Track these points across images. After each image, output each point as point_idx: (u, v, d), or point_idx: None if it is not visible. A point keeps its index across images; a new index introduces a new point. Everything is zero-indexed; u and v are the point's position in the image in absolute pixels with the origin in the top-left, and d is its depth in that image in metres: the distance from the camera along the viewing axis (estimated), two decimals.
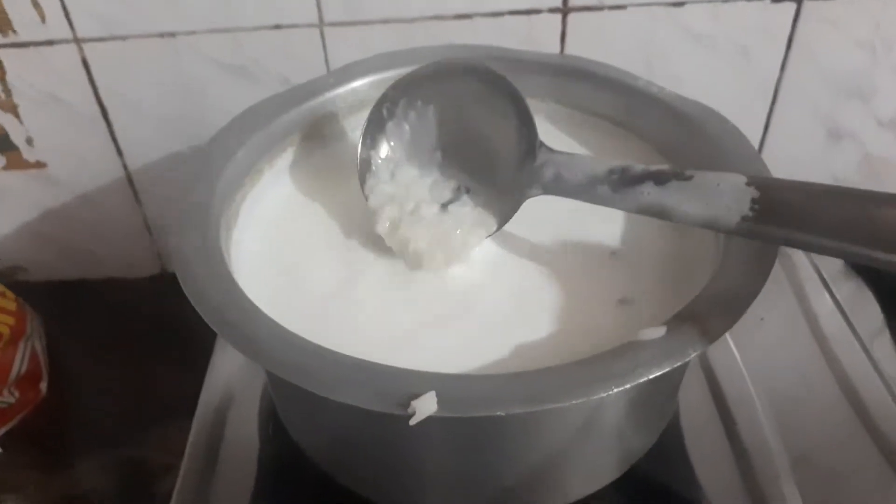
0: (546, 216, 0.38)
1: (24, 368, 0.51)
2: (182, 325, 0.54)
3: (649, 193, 0.33)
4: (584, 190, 0.35)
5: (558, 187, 0.36)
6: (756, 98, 0.56)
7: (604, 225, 0.39)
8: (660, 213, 0.33)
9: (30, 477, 0.48)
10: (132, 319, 0.59)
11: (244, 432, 0.44)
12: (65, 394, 0.54)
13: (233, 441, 0.44)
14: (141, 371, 0.55)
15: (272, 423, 0.44)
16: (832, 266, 0.52)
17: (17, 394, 0.51)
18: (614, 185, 0.34)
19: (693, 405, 0.43)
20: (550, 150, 0.36)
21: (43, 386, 0.53)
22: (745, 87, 0.56)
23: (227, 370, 0.47)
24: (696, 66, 0.54)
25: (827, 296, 0.50)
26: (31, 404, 0.52)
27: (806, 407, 0.44)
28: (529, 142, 0.37)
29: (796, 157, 0.59)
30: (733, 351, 0.46)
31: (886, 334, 0.47)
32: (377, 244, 0.38)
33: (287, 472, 0.42)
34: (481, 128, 0.39)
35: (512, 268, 0.37)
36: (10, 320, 0.51)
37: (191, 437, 0.43)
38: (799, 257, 0.52)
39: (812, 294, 0.50)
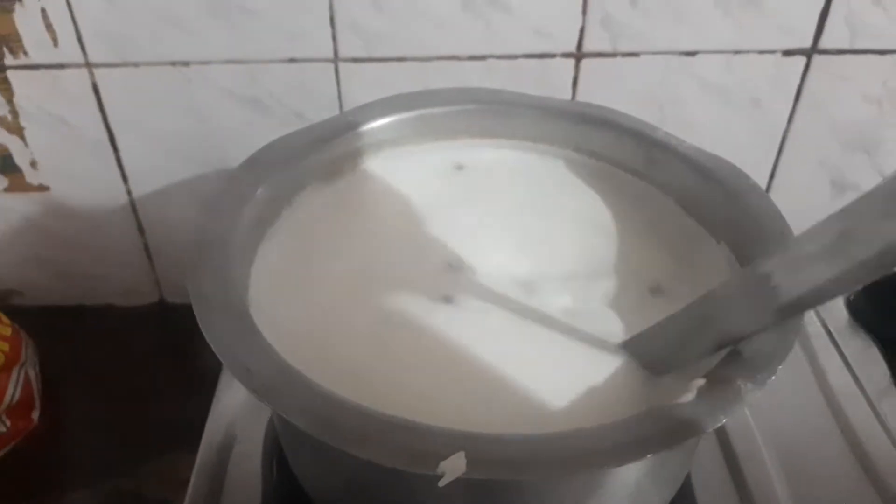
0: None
1: (16, 396, 0.50)
2: (180, 354, 0.53)
3: None
4: None
5: None
6: (763, 147, 0.57)
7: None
8: None
9: None
10: (129, 347, 0.58)
11: (248, 471, 0.43)
12: (58, 423, 0.53)
13: (236, 480, 0.43)
14: (137, 401, 0.54)
15: (276, 462, 0.43)
16: (839, 323, 0.53)
17: (8, 423, 0.49)
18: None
19: (704, 461, 0.43)
20: None
21: (35, 415, 0.52)
22: (753, 135, 0.56)
23: (232, 405, 0.46)
24: (707, 113, 0.55)
25: (835, 352, 0.50)
26: (23, 433, 0.51)
27: (814, 463, 0.44)
28: None
29: (800, 207, 0.59)
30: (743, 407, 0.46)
31: (894, 392, 0.48)
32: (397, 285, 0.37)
33: None
34: None
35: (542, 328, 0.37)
36: (5, 346, 0.50)
37: (194, 476, 0.42)
38: (807, 314, 0.53)
39: (820, 351, 0.50)
